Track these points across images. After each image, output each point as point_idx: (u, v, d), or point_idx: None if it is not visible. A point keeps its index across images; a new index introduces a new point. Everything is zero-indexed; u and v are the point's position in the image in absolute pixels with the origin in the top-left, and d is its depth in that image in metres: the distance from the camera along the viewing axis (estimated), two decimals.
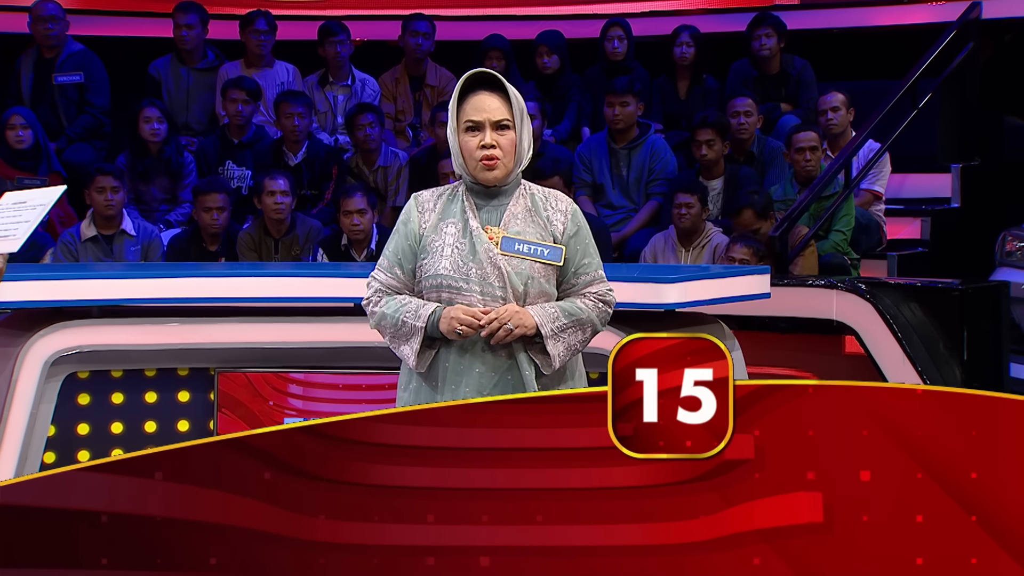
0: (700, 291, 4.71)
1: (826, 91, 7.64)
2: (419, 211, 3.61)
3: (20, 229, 3.07)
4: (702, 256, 6.85)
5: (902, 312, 5.60)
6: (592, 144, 7.72)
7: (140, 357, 4.96)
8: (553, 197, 3.64)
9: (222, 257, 7.11)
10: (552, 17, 9.02)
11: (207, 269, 5.50)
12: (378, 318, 3.56)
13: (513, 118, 3.54)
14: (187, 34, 8.31)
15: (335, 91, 8.41)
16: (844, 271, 6.80)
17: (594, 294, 3.56)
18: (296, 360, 4.99)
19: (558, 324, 3.48)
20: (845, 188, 6.98)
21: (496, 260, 3.50)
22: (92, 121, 8.19)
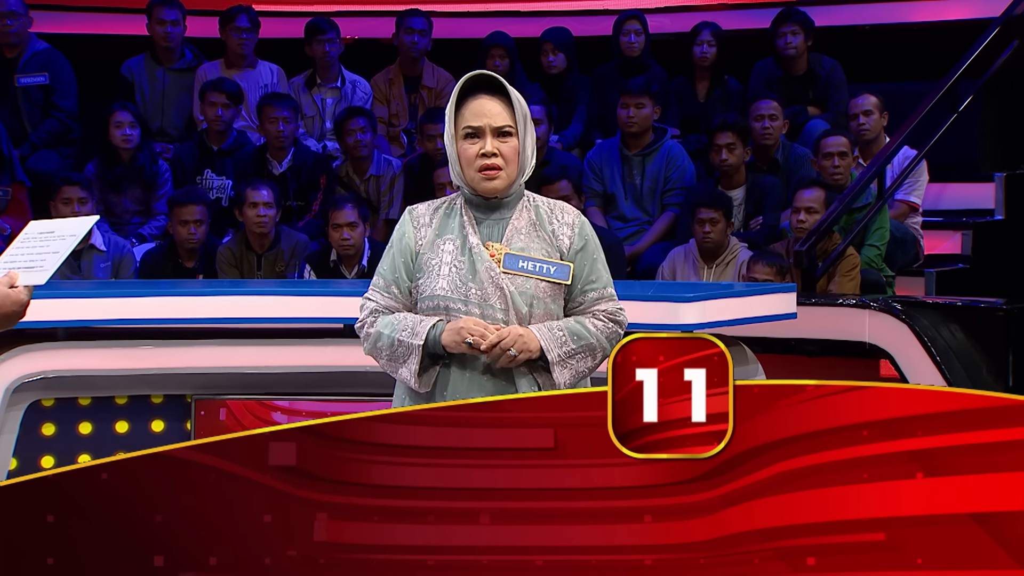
0: (721, 311, 4.72)
1: (857, 93, 7.65)
2: (414, 226, 3.61)
3: (48, 261, 3.15)
4: (726, 273, 6.84)
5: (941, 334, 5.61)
6: (603, 150, 7.73)
7: (110, 383, 4.98)
8: (559, 209, 3.64)
9: (200, 274, 7.12)
10: (559, 13, 9.06)
11: (184, 287, 5.51)
12: (372, 340, 3.56)
13: (515, 124, 3.55)
14: (165, 31, 8.33)
15: (323, 93, 8.44)
16: (878, 289, 6.80)
17: (604, 313, 3.56)
18: (280, 386, 5.00)
19: (566, 350, 3.48)
20: (878, 199, 6.97)
21: (498, 280, 3.50)
22: (58, 126, 8.21)
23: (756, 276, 6.41)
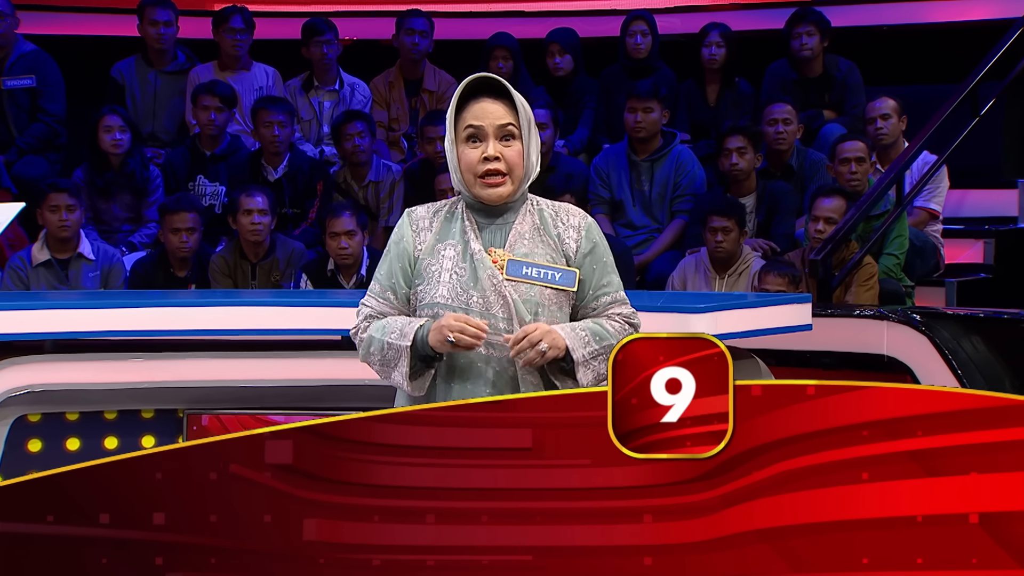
0: (733, 322, 4.73)
1: (875, 96, 7.67)
2: (413, 229, 3.62)
3: None
4: (739, 284, 6.86)
5: (963, 346, 5.62)
6: (610, 156, 7.76)
7: (99, 397, 4.98)
8: (564, 212, 3.64)
9: (192, 284, 7.15)
10: (565, 13, 9.09)
11: (175, 298, 5.53)
12: (365, 345, 3.58)
13: (519, 126, 3.55)
14: (157, 32, 8.36)
15: (321, 97, 8.47)
16: (897, 300, 6.81)
17: (620, 315, 3.57)
18: (276, 401, 5.01)
19: (589, 350, 3.49)
20: (897, 206, 6.99)
21: (500, 287, 3.52)
22: (46, 130, 8.25)
23: (768, 287, 6.44)
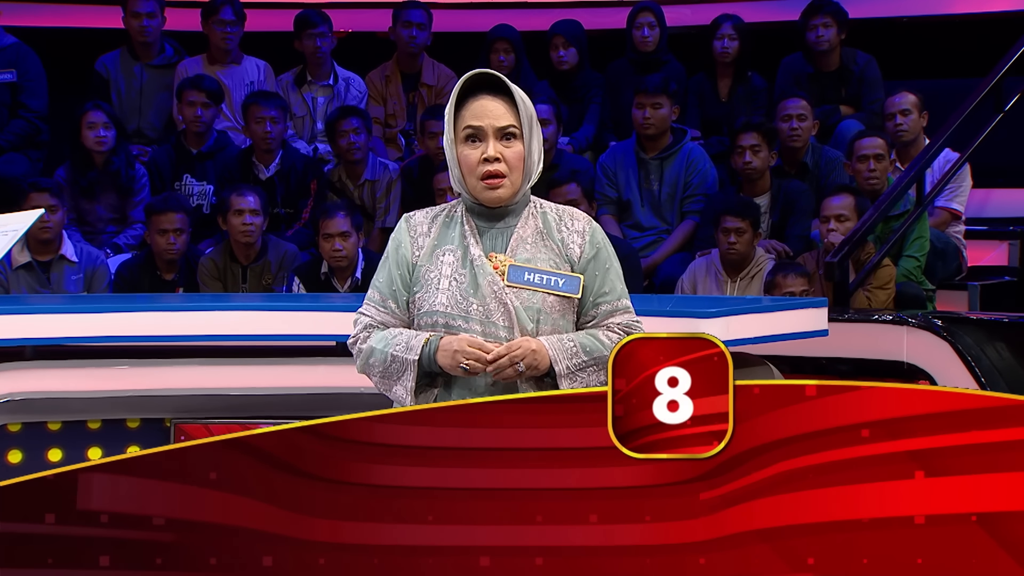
0: (746, 327, 4.75)
1: (894, 91, 7.68)
2: (411, 235, 3.66)
3: None
4: (752, 287, 6.88)
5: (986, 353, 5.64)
6: (617, 154, 7.77)
7: (82, 406, 5.00)
8: (568, 215, 3.68)
9: (180, 288, 7.17)
10: (570, 4, 9.12)
11: (162, 302, 5.55)
12: (365, 356, 3.62)
13: (520, 125, 3.59)
14: (142, 24, 8.38)
15: (314, 92, 8.50)
16: (917, 304, 6.83)
17: (619, 325, 3.62)
18: (267, 409, 5.03)
19: (576, 362, 3.54)
20: (917, 206, 7.01)
21: (501, 295, 3.56)
22: (26, 127, 8.27)
23: (784, 289, 6.46)
